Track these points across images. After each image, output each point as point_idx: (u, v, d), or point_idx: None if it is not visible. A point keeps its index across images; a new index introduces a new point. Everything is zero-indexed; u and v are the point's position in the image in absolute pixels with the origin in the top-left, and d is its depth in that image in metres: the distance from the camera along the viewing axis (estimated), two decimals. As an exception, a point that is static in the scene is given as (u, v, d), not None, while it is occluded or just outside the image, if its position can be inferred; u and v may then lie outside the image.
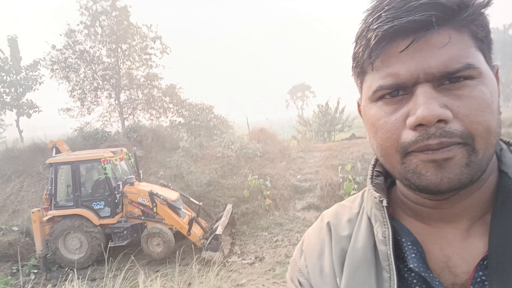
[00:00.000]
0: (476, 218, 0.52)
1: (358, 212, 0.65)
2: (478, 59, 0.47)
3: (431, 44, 0.46)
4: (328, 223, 0.66)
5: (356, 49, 0.54)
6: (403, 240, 0.54)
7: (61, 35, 15.48)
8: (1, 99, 17.47)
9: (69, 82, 15.58)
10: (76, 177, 7.18)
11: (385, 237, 0.54)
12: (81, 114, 16.04)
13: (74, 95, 15.75)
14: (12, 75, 17.51)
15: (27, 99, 17.87)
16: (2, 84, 17.39)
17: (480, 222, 0.52)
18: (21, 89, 17.68)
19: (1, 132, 20.61)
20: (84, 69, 15.66)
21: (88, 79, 15.79)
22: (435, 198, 0.52)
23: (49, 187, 7.20)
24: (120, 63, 16.05)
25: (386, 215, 0.56)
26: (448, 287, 0.49)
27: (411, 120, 0.46)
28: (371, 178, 0.63)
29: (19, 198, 9.71)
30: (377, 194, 0.59)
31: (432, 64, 0.45)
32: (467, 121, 0.45)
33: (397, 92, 0.49)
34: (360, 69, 0.54)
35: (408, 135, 0.47)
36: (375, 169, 0.65)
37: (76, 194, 7.14)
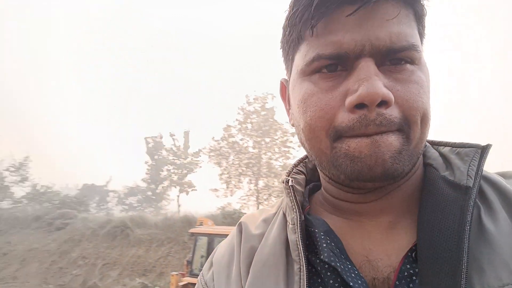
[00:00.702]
0: (401, 212, 0.49)
1: (276, 213, 0.59)
2: (420, 43, 0.45)
3: (381, 14, 0.42)
4: (239, 224, 0.59)
5: (293, 12, 0.46)
6: (316, 230, 0.48)
7: (222, 129, 18.98)
8: (170, 178, 21.76)
9: (220, 167, 18.40)
10: (210, 249, 7.95)
11: (293, 224, 0.49)
12: (225, 195, 18.38)
13: (222, 178, 18.35)
14: (181, 160, 21.87)
15: (188, 179, 21.69)
16: (173, 166, 21.83)
17: (405, 216, 0.48)
18: (185, 171, 21.72)
19: (166, 205, 25.02)
20: (233, 157, 18.36)
21: (235, 166, 18.30)
22: (359, 190, 0.49)
23: (190, 255, 8.19)
24: (262, 153, 18.20)
25: (294, 198, 0.52)
26: (369, 282, 0.44)
27: (351, 99, 0.41)
28: (289, 173, 0.59)
29: (166, 261, 11.23)
30: (284, 177, 0.55)
31: (380, 35, 0.42)
32: (405, 107, 0.42)
33: (336, 67, 0.44)
34: (296, 36, 0.47)
35: (345, 118, 0.42)
36: (296, 168, 0.61)
37: (208, 265, 7.84)
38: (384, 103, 0.41)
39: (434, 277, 0.40)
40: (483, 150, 0.48)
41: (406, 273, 0.43)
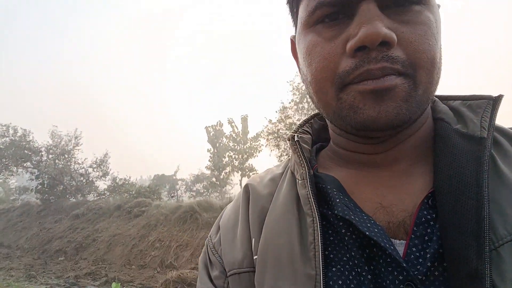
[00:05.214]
0: (414, 161, 0.48)
1: (283, 172, 0.59)
2: None
3: None
4: (246, 186, 0.59)
5: None
6: (328, 187, 0.48)
7: (276, 111, 18.89)
8: (232, 163, 22.45)
9: (278, 149, 18.41)
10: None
11: (303, 179, 0.49)
12: (285, 177, 18.38)
13: (282, 160, 18.33)
14: (241, 145, 22.38)
15: (249, 164, 22.16)
16: (234, 152, 22.45)
17: (418, 165, 0.48)
18: (245, 156, 22.22)
19: (230, 189, 25.97)
20: (291, 138, 18.23)
21: (294, 147, 18.19)
22: (370, 141, 0.48)
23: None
24: (321, 131, 17.80)
25: (302, 153, 0.52)
26: (384, 226, 0.43)
27: (351, 43, 0.40)
28: (295, 131, 0.58)
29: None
30: (290, 134, 0.55)
31: None
32: (410, 49, 0.40)
33: (338, 15, 0.43)
34: None
35: (347, 63, 0.41)
36: (302, 128, 0.60)
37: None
38: (385, 43, 0.39)
39: (456, 223, 0.39)
40: (495, 101, 0.48)
41: (423, 219, 0.42)
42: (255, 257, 0.49)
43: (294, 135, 0.55)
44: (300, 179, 0.50)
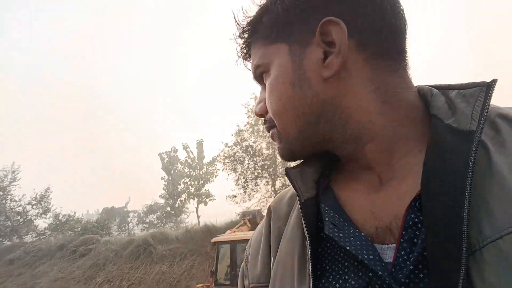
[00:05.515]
0: (393, 163, 0.49)
1: None
2: (266, 53, 0.54)
3: (253, 53, 0.58)
4: (269, 208, 0.66)
5: None
6: (322, 205, 0.52)
7: (232, 135, 18.75)
8: (188, 190, 21.64)
9: (235, 173, 18.12)
10: (233, 256, 7.68)
11: (300, 203, 0.53)
12: (243, 200, 18.01)
13: (239, 184, 18.05)
14: (197, 171, 21.74)
15: (205, 189, 21.51)
16: (190, 178, 21.72)
17: (406, 165, 0.48)
18: (202, 181, 21.55)
19: (185, 218, 24.94)
20: (248, 161, 18.03)
21: (250, 169, 17.99)
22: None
23: (214, 266, 7.93)
24: (277, 153, 17.85)
25: (292, 182, 0.56)
26: (372, 232, 0.46)
27: None
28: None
29: (191, 274, 11.03)
30: (284, 168, 0.63)
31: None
32: (269, 110, 0.56)
33: None
34: None
35: None
36: None
37: (233, 273, 7.56)
38: (261, 114, 0.59)
39: (437, 225, 0.40)
40: (488, 87, 0.45)
41: (411, 222, 0.43)
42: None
43: (286, 168, 0.60)
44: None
